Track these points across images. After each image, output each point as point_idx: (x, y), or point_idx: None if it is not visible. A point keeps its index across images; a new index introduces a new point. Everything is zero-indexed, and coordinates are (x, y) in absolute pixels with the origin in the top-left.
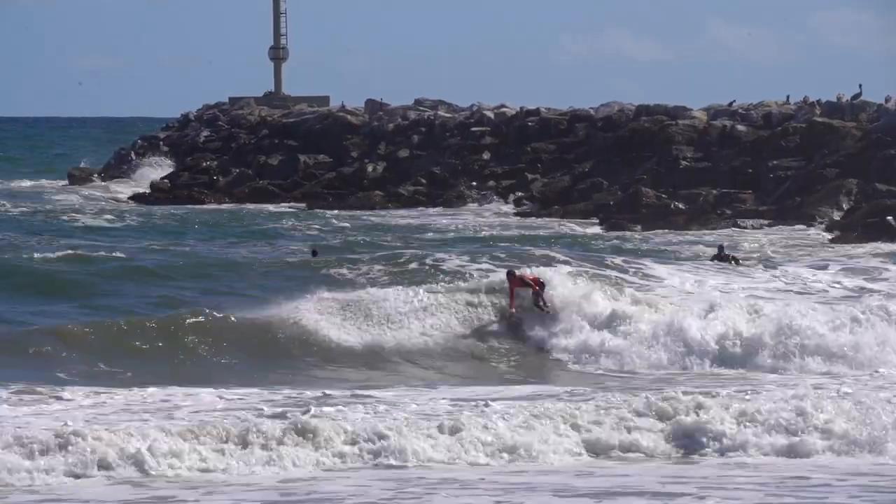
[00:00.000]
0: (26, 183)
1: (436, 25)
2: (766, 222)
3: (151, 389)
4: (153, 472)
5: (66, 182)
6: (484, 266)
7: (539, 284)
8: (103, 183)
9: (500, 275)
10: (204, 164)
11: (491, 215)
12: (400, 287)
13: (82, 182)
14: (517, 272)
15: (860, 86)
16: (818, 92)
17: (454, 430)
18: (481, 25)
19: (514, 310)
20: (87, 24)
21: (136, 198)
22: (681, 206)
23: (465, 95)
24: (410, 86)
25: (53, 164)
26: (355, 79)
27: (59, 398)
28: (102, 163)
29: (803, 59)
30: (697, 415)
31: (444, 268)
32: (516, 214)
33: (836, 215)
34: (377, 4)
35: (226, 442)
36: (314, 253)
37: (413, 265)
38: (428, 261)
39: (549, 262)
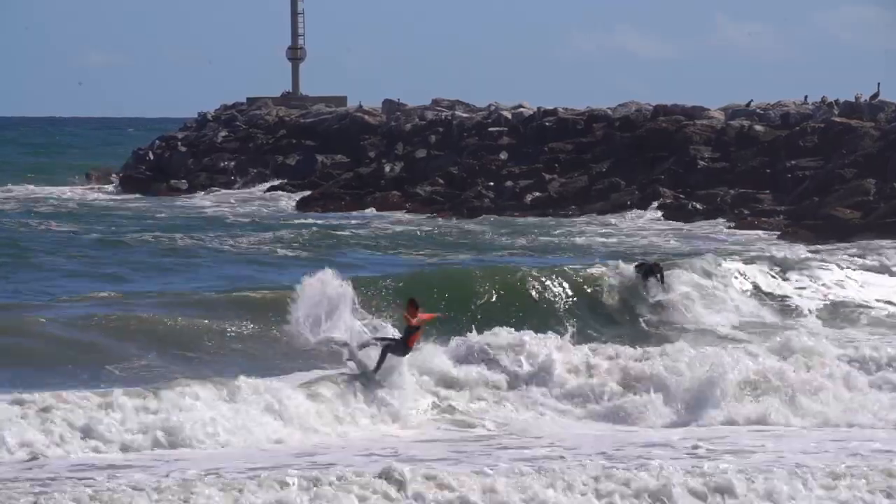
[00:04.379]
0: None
1: (451, 24)
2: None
3: None
4: None
5: (84, 183)
6: None
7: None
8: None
9: None
10: (222, 164)
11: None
12: None
13: (100, 181)
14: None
15: (878, 85)
16: (831, 90)
17: None
18: (494, 23)
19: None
20: (98, 22)
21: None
22: (698, 206)
23: (480, 93)
24: (427, 85)
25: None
26: (373, 78)
27: None
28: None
29: (813, 57)
30: None
31: None
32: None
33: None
34: (394, 4)
35: None
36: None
37: None
38: None
39: None
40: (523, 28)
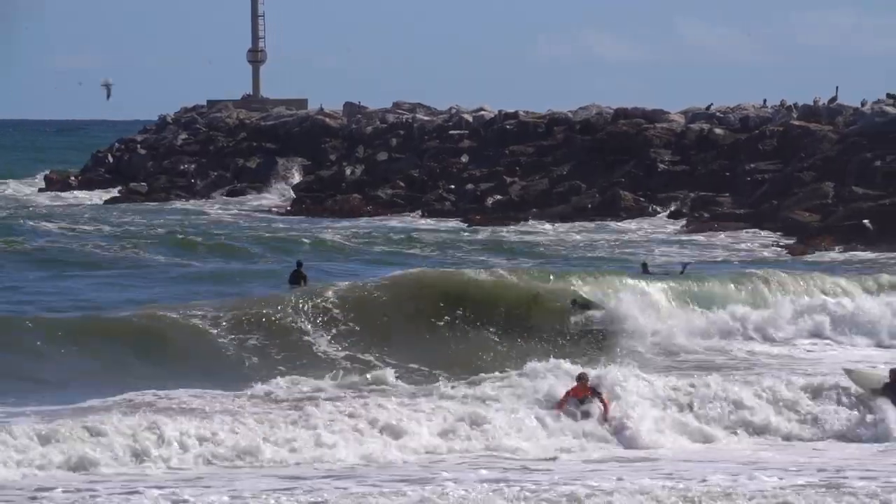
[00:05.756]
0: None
1: (414, 28)
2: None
3: None
4: None
5: (42, 185)
6: None
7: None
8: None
9: None
10: (182, 166)
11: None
12: None
13: (59, 185)
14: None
15: (837, 88)
16: (796, 94)
17: None
18: (459, 28)
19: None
20: (62, 24)
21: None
22: (658, 208)
23: (443, 97)
24: (389, 88)
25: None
26: (333, 81)
27: None
28: None
29: (781, 60)
30: None
31: None
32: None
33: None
34: (356, 7)
35: None
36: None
37: None
38: None
39: None
40: (490, 32)
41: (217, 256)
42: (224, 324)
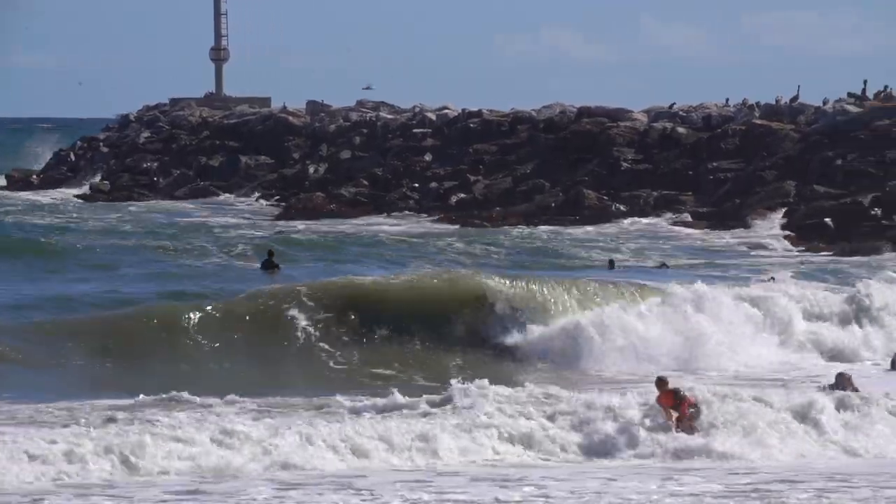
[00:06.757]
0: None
1: (377, 27)
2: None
3: None
4: None
5: (3, 184)
6: None
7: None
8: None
9: None
10: (144, 165)
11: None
12: None
13: (21, 184)
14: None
15: (798, 87)
16: (759, 93)
17: None
18: (422, 26)
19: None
20: (24, 20)
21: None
22: (622, 207)
23: (407, 96)
24: (352, 87)
25: None
26: (297, 79)
27: None
28: None
29: (743, 59)
30: None
31: None
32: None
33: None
34: (318, 5)
35: None
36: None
37: None
38: None
39: None
40: (453, 31)
41: (184, 254)
42: None
